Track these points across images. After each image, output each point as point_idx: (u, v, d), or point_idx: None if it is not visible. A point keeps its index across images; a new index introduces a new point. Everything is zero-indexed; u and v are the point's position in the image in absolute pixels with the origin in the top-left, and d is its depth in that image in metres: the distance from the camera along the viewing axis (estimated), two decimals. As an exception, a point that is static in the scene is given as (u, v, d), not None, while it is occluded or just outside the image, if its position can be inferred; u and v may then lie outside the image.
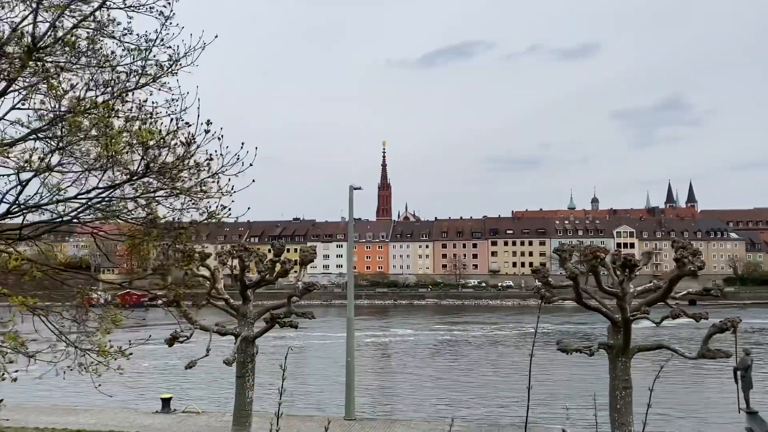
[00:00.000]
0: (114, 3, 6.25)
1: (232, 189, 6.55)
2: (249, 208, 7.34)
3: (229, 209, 6.93)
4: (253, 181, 6.70)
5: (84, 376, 7.49)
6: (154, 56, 6.58)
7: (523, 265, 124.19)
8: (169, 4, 6.57)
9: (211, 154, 5.81)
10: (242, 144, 6.46)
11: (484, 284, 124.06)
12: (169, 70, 7.54)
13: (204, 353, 15.24)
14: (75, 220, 6.14)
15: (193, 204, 6.68)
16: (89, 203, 5.77)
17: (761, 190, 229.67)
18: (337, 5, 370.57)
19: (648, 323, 15.07)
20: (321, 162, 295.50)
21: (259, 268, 15.71)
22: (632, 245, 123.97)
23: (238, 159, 6.49)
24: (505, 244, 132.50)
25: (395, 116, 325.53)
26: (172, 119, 5.91)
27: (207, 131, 5.49)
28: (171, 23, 7.16)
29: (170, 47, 7.59)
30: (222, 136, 6.39)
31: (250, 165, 6.38)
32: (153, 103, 7.41)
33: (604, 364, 14.19)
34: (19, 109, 5.78)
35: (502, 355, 43.23)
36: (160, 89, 7.42)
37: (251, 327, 16.61)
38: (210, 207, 6.87)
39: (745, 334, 59.10)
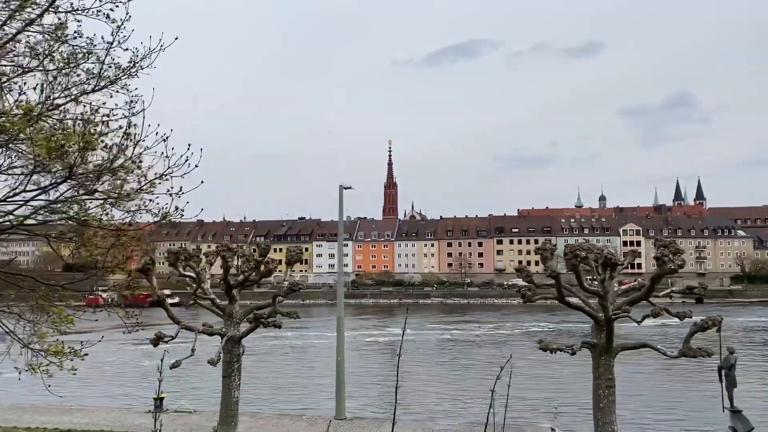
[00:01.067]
0: (60, 7, 6.30)
1: (180, 191, 6.58)
2: (202, 209, 7.40)
3: (182, 211, 6.97)
4: (202, 182, 6.76)
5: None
6: (100, 59, 6.62)
7: (528, 263, 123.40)
8: (117, 7, 6.61)
9: (140, 156, 5.85)
10: (188, 146, 6.50)
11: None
12: (129, 72, 7.64)
13: (190, 353, 15.40)
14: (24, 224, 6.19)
15: (144, 206, 6.72)
16: (36, 207, 5.83)
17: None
18: (343, 5, 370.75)
19: (644, 321, 14.97)
20: (327, 161, 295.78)
21: (243, 269, 15.77)
22: (638, 243, 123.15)
23: (186, 161, 6.53)
24: (511, 242, 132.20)
25: (402, 115, 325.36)
26: (103, 122, 5.95)
27: (128, 134, 5.53)
28: (124, 27, 7.25)
29: (127, 49, 7.69)
30: (167, 137, 6.43)
31: (196, 166, 6.43)
32: (115, 105, 7.52)
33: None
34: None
35: (500, 355, 43.08)
36: (118, 92, 7.51)
37: (237, 327, 16.68)
38: (163, 209, 6.89)
39: (751, 332, 58.75)
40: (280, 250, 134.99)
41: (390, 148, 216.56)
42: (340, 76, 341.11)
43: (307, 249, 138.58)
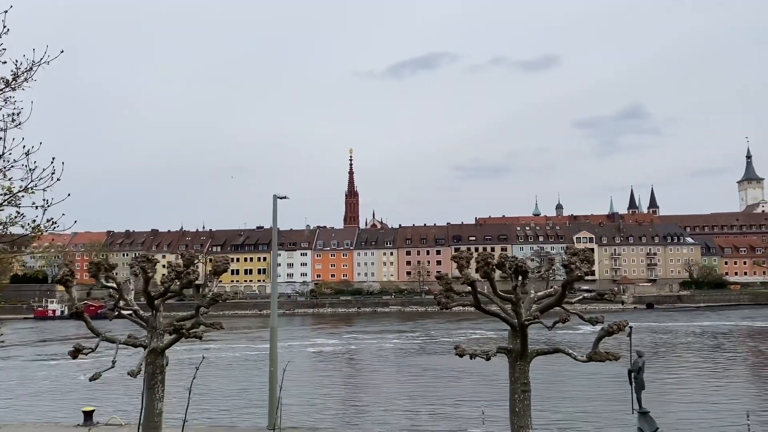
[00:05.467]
0: None
1: (47, 203, 6.69)
2: (75, 222, 7.49)
3: (55, 223, 7.08)
4: (69, 194, 6.87)
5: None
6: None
7: (493, 269, 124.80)
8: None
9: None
10: (53, 159, 6.61)
11: None
12: (11, 85, 7.79)
13: (110, 365, 15.25)
14: None
15: (11, 219, 6.83)
16: None
17: (719, 196, 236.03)
18: (303, 17, 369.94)
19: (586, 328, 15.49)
20: (288, 171, 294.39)
21: (163, 279, 15.72)
22: (592, 250, 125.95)
23: (53, 174, 6.65)
24: (468, 250, 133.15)
25: (363, 125, 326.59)
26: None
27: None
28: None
29: (5, 62, 7.83)
30: (29, 152, 6.55)
31: (58, 179, 6.55)
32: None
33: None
34: None
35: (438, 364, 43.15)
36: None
37: (161, 338, 16.58)
38: (34, 221, 7.01)
39: (699, 337, 60.60)
40: (238, 260, 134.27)
41: (351, 157, 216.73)
42: (300, 86, 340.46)
43: (265, 258, 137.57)
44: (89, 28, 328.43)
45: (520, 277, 14.51)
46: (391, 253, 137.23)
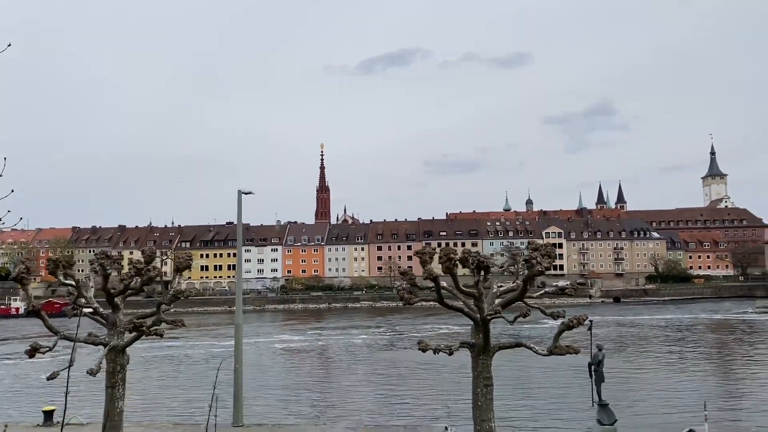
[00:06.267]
0: None
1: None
2: (21, 218, 7.30)
3: (0, 219, 6.92)
4: (12, 191, 6.74)
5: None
6: None
7: (455, 265, 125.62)
8: None
9: None
10: (-5, 154, 6.45)
11: None
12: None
13: (68, 364, 14.99)
14: None
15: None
16: None
17: (684, 192, 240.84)
18: (274, 11, 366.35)
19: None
20: (259, 166, 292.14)
21: (123, 276, 15.47)
22: (560, 245, 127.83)
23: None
24: (439, 245, 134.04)
25: (335, 121, 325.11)
26: None
27: None
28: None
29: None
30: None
31: (0, 176, 6.39)
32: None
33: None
34: None
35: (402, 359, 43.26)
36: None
37: (121, 336, 16.33)
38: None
39: (665, 330, 61.83)
40: (207, 256, 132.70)
41: (322, 152, 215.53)
42: (272, 81, 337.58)
43: (235, 254, 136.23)
44: (65, 18, 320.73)
45: (482, 273, 14.68)
46: (362, 249, 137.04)
